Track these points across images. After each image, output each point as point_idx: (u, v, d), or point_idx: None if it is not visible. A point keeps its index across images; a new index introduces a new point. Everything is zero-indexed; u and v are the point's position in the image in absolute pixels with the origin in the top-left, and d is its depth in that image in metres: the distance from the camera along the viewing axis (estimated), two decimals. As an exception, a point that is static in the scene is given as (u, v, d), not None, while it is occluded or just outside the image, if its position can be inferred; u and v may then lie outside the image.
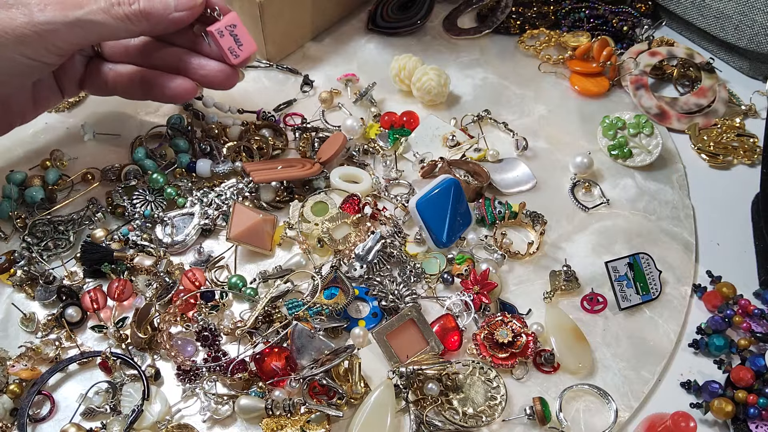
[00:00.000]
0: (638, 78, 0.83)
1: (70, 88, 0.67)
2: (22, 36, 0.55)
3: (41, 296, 0.62)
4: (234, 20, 0.62)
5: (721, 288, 0.66)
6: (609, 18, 0.89)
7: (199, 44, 0.65)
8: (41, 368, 0.58)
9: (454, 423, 0.56)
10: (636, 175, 0.76)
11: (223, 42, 0.62)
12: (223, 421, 0.56)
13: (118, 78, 0.67)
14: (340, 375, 0.57)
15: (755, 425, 0.57)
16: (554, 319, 0.62)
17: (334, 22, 0.90)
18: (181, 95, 0.66)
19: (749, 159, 0.78)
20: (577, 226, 0.71)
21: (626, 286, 0.64)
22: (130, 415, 0.54)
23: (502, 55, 0.88)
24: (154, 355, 0.59)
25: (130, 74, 0.66)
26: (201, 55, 0.65)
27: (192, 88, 0.65)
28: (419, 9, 0.89)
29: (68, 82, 0.67)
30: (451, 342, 0.60)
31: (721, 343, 0.62)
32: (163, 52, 0.66)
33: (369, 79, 0.81)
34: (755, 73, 0.87)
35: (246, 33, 0.63)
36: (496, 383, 0.58)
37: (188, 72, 0.65)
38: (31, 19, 0.54)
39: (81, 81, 0.67)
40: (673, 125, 0.81)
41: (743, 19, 0.82)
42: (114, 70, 0.66)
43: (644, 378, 0.60)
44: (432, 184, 0.66)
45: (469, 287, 0.63)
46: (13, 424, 0.55)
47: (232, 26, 0.62)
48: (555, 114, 0.81)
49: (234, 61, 0.64)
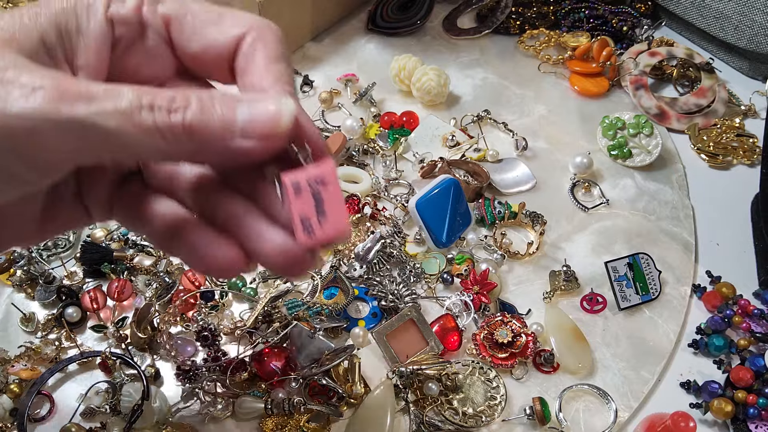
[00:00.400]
0: (638, 78, 0.83)
1: (97, 211, 0.41)
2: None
3: (41, 296, 0.62)
4: (327, 174, 0.34)
5: (721, 288, 0.66)
6: (609, 18, 0.89)
7: (266, 193, 0.36)
8: (41, 368, 0.58)
9: (454, 423, 0.56)
10: (636, 175, 0.76)
11: (297, 203, 0.34)
12: (222, 420, 0.56)
13: (155, 218, 0.38)
14: (339, 375, 0.57)
15: (755, 425, 0.57)
16: (554, 319, 0.62)
17: (333, 22, 0.90)
18: (222, 270, 0.37)
19: (749, 159, 0.78)
20: (577, 226, 0.71)
21: (626, 286, 0.64)
22: (130, 415, 0.54)
23: (502, 56, 0.88)
24: (153, 355, 0.59)
25: (169, 218, 0.38)
26: (264, 213, 0.36)
27: (239, 263, 0.37)
28: (419, 9, 0.89)
29: (92, 202, 0.40)
30: (451, 342, 0.60)
31: (721, 343, 0.62)
32: (218, 195, 0.37)
33: (369, 79, 0.81)
34: (755, 74, 0.87)
35: (339, 200, 0.34)
36: (495, 383, 0.58)
37: (240, 235, 0.36)
38: (3, 108, 0.29)
39: (109, 204, 0.40)
40: (673, 125, 0.81)
41: (743, 19, 0.82)
42: (152, 206, 0.38)
43: (644, 378, 0.60)
44: (432, 184, 0.66)
45: (468, 287, 0.63)
46: (12, 424, 0.55)
47: (319, 182, 0.33)
48: (555, 114, 0.81)
49: (304, 239, 0.34)
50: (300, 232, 0.33)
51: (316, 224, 0.33)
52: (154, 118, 0.30)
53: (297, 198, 0.33)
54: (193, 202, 0.37)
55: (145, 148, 0.31)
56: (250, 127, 0.31)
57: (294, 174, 0.33)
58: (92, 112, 0.29)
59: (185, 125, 0.30)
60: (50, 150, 0.31)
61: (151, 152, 0.31)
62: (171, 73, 0.37)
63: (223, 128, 0.31)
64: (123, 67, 0.36)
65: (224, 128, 0.31)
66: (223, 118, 0.31)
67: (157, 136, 0.30)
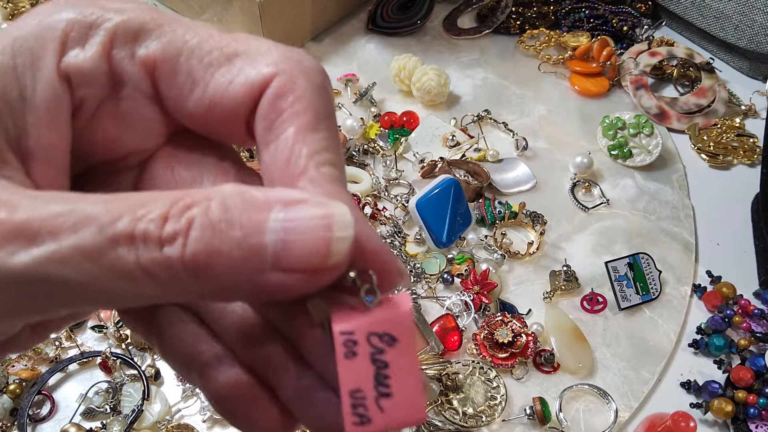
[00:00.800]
0: (638, 78, 0.83)
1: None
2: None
3: (41, 296, 0.62)
4: (399, 324, 0.21)
5: (721, 288, 0.66)
6: (609, 18, 0.89)
7: (308, 335, 0.24)
8: (41, 368, 0.58)
9: (454, 423, 0.56)
10: (636, 175, 0.76)
11: (348, 370, 0.21)
12: (223, 421, 0.56)
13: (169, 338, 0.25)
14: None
15: (755, 425, 0.57)
16: (554, 319, 0.62)
17: (334, 22, 0.90)
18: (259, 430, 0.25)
19: (749, 159, 0.78)
20: (577, 226, 0.71)
21: (626, 286, 0.64)
22: (130, 415, 0.54)
23: (502, 55, 0.88)
24: (154, 355, 0.59)
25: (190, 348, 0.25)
26: (309, 367, 0.24)
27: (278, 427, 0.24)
28: (419, 9, 0.89)
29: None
30: (451, 342, 0.60)
31: (721, 343, 0.62)
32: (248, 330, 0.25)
33: (369, 79, 0.81)
34: (755, 73, 0.87)
35: (414, 368, 0.21)
36: (496, 383, 0.58)
37: (280, 395, 0.24)
38: None
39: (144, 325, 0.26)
40: (673, 125, 0.81)
41: (743, 19, 0.82)
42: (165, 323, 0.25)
43: (644, 378, 0.60)
44: (432, 184, 0.66)
45: (469, 287, 0.63)
46: (13, 424, 0.55)
47: (385, 337, 0.21)
48: (555, 114, 0.81)
49: (351, 429, 0.21)
50: (348, 417, 0.21)
51: (373, 407, 0.21)
52: (137, 256, 0.19)
53: (348, 362, 0.21)
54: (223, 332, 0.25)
55: (126, 297, 0.20)
56: (286, 257, 0.19)
57: (348, 321, 0.21)
58: (36, 261, 0.18)
59: (186, 261, 0.19)
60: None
61: (137, 300, 0.20)
62: (162, 139, 0.26)
63: (246, 260, 0.19)
64: (91, 140, 0.25)
65: (248, 260, 0.19)
66: (246, 243, 0.19)
67: (143, 282, 0.19)
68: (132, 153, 0.25)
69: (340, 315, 0.21)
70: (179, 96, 0.24)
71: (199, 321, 0.24)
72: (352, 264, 0.21)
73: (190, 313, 0.24)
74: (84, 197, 0.19)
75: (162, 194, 0.19)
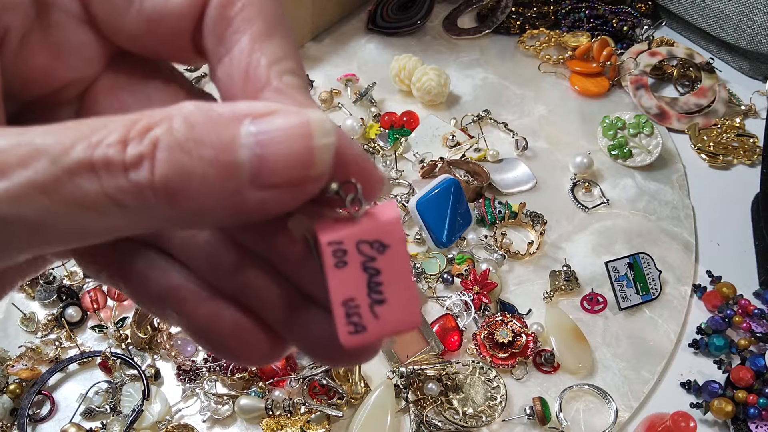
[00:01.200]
0: (638, 78, 0.83)
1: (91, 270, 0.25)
2: None
3: (41, 296, 0.62)
4: (388, 231, 0.21)
5: (721, 288, 0.66)
6: (609, 18, 0.89)
7: (290, 255, 0.22)
8: (41, 368, 0.58)
9: (454, 423, 0.56)
10: (636, 175, 0.76)
11: (339, 280, 0.20)
12: (223, 421, 0.56)
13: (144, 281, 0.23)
14: (340, 375, 0.57)
15: (755, 425, 0.57)
16: (554, 319, 0.62)
17: (334, 22, 0.90)
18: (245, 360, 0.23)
19: (749, 159, 0.78)
20: (577, 226, 0.71)
21: (626, 286, 0.64)
22: (130, 415, 0.54)
23: (502, 55, 0.88)
24: (154, 355, 0.59)
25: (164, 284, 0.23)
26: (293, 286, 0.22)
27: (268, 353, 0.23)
28: (419, 9, 0.89)
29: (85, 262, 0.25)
30: (451, 342, 0.60)
31: (721, 343, 0.62)
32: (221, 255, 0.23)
33: (369, 79, 0.81)
34: (755, 73, 0.87)
35: (405, 273, 0.21)
36: (496, 383, 0.58)
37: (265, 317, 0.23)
38: None
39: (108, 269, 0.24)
40: (673, 125, 0.81)
41: (743, 19, 0.82)
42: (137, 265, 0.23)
43: (644, 378, 0.60)
44: (432, 184, 0.66)
45: (469, 287, 0.63)
46: (13, 424, 0.55)
47: (376, 244, 0.20)
48: (555, 114, 0.81)
49: (347, 340, 0.20)
50: (342, 328, 0.20)
51: (368, 315, 0.20)
52: (99, 185, 0.17)
53: (339, 271, 0.20)
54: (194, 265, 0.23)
55: (93, 232, 0.18)
56: (265, 172, 0.18)
57: (335, 232, 0.20)
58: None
59: (156, 185, 0.17)
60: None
61: (102, 234, 0.18)
62: (101, 65, 0.23)
63: (223, 180, 0.18)
64: (23, 73, 0.22)
65: (224, 180, 0.18)
66: (219, 161, 0.17)
67: (111, 212, 0.17)
68: (69, 84, 0.23)
69: (325, 227, 0.20)
70: (113, 15, 0.22)
71: (167, 257, 0.23)
72: (333, 175, 0.19)
73: (156, 250, 0.23)
74: (27, 130, 0.17)
75: (114, 118, 0.17)
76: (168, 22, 0.21)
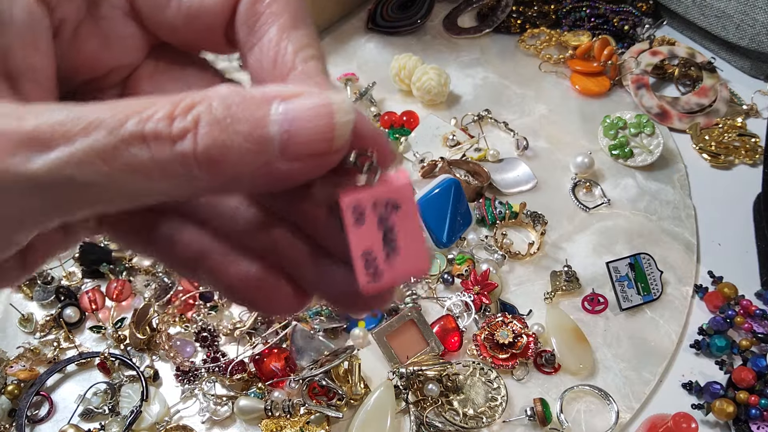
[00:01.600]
0: (639, 77, 0.83)
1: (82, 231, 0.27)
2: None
3: (39, 297, 0.62)
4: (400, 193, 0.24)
5: (723, 288, 0.65)
6: (610, 17, 0.89)
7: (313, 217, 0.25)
8: (39, 369, 0.58)
9: (455, 424, 0.56)
10: (637, 175, 0.76)
11: (359, 235, 0.24)
12: (222, 422, 0.56)
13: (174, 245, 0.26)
14: (339, 376, 0.57)
15: (757, 426, 0.57)
16: (555, 320, 0.62)
17: (333, 21, 0.90)
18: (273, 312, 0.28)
19: (751, 159, 0.78)
20: (578, 227, 0.71)
21: (627, 286, 0.64)
22: (128, 416, 0.54)
23: (503, 55, 0.88)
24: (152, 355, 0.59)
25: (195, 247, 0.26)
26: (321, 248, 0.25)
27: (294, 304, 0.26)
28: (419, 8, 0.88)
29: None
30: (452, 343, 0.60)
31: (723, 344, 0.61)
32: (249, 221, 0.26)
33: (369, 78, 0.81)
34: (757, 73, 0.87)
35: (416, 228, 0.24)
36: (496, 384, 0.58)
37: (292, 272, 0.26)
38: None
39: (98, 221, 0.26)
40: (675, 125, 0.81)
41: (745, 18, 0.82)
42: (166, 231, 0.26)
43: (645, 379, 0.60)
44: (432, 184, 0.66)
45: (469, 288, 0.63)
46: (11, 425, 0.55)
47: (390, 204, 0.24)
48: (555, 113, 0.81)
49: (367, 286, 0.24)
50: (362, 276, 0.24)
51: (383, 263, 0.24)
52: (150, 153, 0.20)
53: (358, 228, 0.23)
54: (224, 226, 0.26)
55: (142, 195, 0.21)
56: (293, 145, 0.21)
57: (354, 194, 0.23)
58: (54, 164, 0.19)
59: (199, 155, 0.20)
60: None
61: (151, 197, 0.21)
62: (143, 54, 0.27)
63: (256, 152, 0.20)
64: (74, 60, 0.25)
65: (257, 152, 0.20)
66: (252, 136, 0.20)
67: (159, 177, 0.20)
68: (114, 70, 0.26)
69: (345, 191, 0.23)
70: (156, 11, 0.25)
71: (199, 223, 0.25)
72: (351, 147, 0.22)
73: (181, 217, 0.25)
74: (85, 105, 0.20)
75: (160, 98, 0.20)
76: (204, 17, 0.25)
